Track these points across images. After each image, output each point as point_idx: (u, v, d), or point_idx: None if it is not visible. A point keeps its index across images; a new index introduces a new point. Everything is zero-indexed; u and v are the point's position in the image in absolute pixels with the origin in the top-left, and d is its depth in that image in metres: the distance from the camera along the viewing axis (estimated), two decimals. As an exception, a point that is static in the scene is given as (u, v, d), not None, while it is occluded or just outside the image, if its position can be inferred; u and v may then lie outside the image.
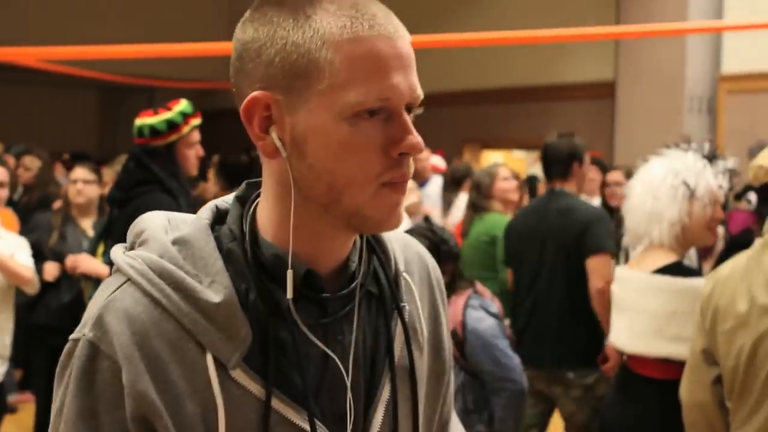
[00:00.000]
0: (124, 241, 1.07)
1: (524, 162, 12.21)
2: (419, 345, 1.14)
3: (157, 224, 1.04)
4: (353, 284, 1.05)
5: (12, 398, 5.88)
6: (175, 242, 1.01)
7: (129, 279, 0.98)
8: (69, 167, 6.87)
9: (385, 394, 1.07)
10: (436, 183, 7.19)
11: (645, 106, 8.84)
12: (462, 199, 6.04)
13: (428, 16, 10.33)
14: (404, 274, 1.13)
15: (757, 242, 2.24)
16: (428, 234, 2.92)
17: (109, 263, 3.48)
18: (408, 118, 0.97)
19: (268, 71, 0.96)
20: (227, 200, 1.08)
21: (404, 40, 0.98)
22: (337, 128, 0.94)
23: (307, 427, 0.99)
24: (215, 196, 5.19)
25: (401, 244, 1.18)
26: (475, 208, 4.78)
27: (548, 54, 9.84)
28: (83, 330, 0.97)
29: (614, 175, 5.80)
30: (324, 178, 0.96)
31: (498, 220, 4.67)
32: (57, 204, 5.20)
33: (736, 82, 8.50)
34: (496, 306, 3.08)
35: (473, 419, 2.93)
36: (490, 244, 4.58)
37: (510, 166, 5.63)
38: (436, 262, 1.26)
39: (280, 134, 0.97)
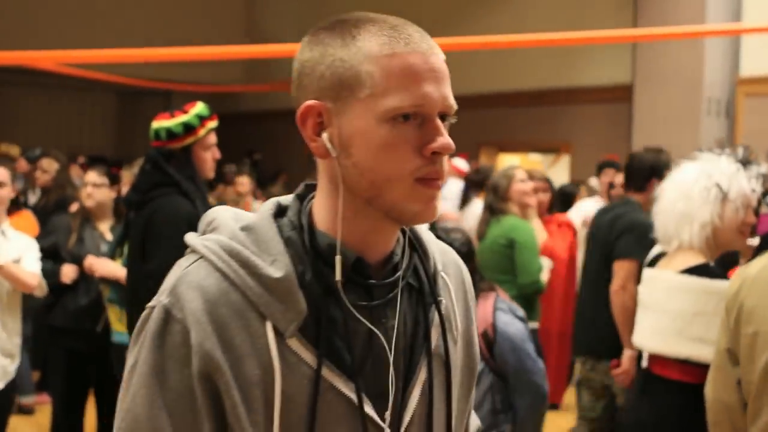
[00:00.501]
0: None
1: (541, 165, 12.18)
2: (453, 337, 1.26)
3: (226, 215, 1.19)
4: (396, 274, 1.18)
5: (29, 400, 5.91)
6: (242, 229, 1.15)
7: (202, 256, 1.13)
8: (86, 170, 6.90)
9: (422, 375, 1.19)
10: (453, 186, 7.18)
11: (662, 109, 8.78)
12: (476, 206, 6.02)
13: (442, 20, 10.33)
14: (442, 273, 1.26)
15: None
16: None
17: (127, 266, 3.46)
18: (440, 123, 1.12)
19: (320, 83, 1.12)
20: (288, 198, 1.22)
21: (437, 57, 1.12)
22: (377, 130, 1.09)
23: (353, 396, 1.12)
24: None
25: (439, 249, 1.30)
26: (492, 211, 4.77)
27: (565, 57, 9.81)
28: (159, 298, 1.11)
29: (621, 177, 5.79)
30: (366, 175, 1.10)
31: (515, 223, 4.66)
32: (74, 207, 5.21)
33: (755, 84, 8.44)
34: (521, 310, 3.08)
35: (501, 419, 2.96)
36: (507, 247, 4.57)
37: (531, 168, 5.62)
38: None
39: (330, 137, 1.11)
